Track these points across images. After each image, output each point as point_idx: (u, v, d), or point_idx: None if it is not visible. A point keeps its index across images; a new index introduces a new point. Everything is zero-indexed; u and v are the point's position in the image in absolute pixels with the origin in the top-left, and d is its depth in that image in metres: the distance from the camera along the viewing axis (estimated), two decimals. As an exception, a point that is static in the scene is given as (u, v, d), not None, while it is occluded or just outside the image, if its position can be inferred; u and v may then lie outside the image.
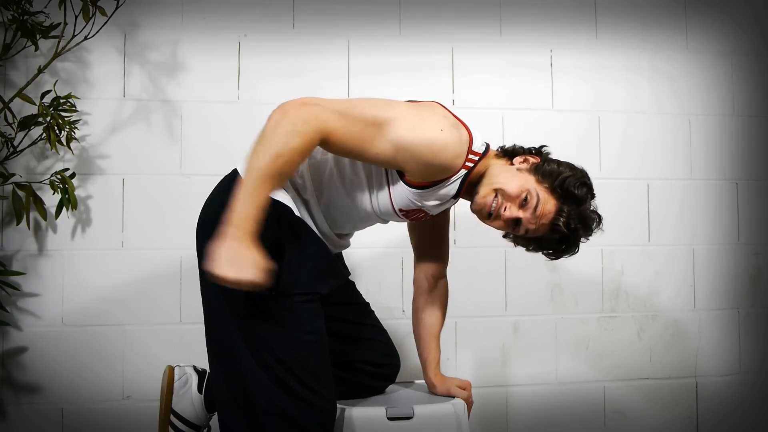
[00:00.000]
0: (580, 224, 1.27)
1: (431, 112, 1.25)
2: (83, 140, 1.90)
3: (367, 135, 1.16)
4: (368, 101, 1.23)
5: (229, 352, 1.24)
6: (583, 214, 1.27)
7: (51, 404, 1.86)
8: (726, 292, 2.21)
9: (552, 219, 1.26)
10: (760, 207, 2.24)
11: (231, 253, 1.04)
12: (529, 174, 1.28)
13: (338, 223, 1.35)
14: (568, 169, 1.29)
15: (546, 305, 2.12)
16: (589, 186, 1.29)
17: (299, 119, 1.09)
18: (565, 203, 1.26)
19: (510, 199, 1.26)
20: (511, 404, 2.08)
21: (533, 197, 1.25)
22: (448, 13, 2.10)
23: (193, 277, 1.89)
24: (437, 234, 1.54)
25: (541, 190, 1.26)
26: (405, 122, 1.19)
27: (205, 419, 1.45)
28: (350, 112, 1.16)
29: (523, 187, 1.26)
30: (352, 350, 1.48)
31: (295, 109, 1.10)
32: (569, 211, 1.26)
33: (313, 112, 1.11)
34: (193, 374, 1.48)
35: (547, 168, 1.28)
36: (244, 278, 1.04)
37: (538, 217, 1.26)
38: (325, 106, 1.14)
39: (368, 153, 1.18)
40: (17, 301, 1.86)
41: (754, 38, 2.27)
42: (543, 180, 1.27)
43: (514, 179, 1.27)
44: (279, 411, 1.19)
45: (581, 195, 1.27)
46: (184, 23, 1.97)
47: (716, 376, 2.19)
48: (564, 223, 1.26)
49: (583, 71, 2.17)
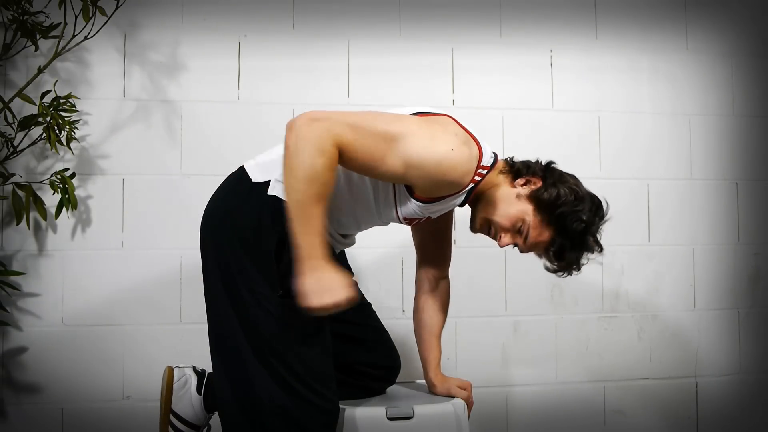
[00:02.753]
0: (571, 259, 1.29)
1: (443, 128, 1.23)
2: (83, 140, 1.90)
3: (378, 150, 1.15)
4: (377, 115, 1.21)
5: (232, 352, 1.24)
6: (575, 250, 1.28)
7: (51, 404, 1.86)
8: (726, 292, 2.21)
9: (545, 248, 1.30)
10: (760, 207, 2.24)
11: (318, 283, 1.09)
12: (528, 202, 1.28)
13: (342, 225, 1.36)
14: (571, 197, 1.27)
15: (546, 305, 2.12)
16: (587, 221, 1.26)
17: (314, 137, 1.08)
18: (559, 237, 1.27)
19: (504, 229, 1.30)
20: (511, 404, 2.08)
21: (526, 227, 1.28)
22: (448, 14, 2.10)
23: (193, 277, 1.89)
24: (440, 234, 1.54)
25: (536, 221, 1.28)
26: (416, 139, 1.18)
27: (204, 419, 1.46)
28: (361, 126, 1.15)
29: (518, 218, 1.28)
30: (353, 352, 1.48)
31: (306, 128, 1.09)
32: (561, 245, 1.27)
33: (324, 127, 1.10)
34: (193, 375, 1.48)
35: (546, 197, 1.27)
36: (340, 300, 1.09)
37: (531, 245, 1.30)
38: (334, 119, 1.13)
39: (379, 169, 1.17)
40: (17, 301, 1.86)
41: (753, 39, 2.27)
42: (539, 210, 1.27)
43: (510, 208, 1.28)
44: (282, 411, 1.19)
45: (577, 230, 1.26)
46: (184, 23, 1.97)
47: (716, 376, 2.19)
48: (554, 255, 1.29)
49: (583, 71, 2.17)
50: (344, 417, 1.35)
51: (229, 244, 1.24)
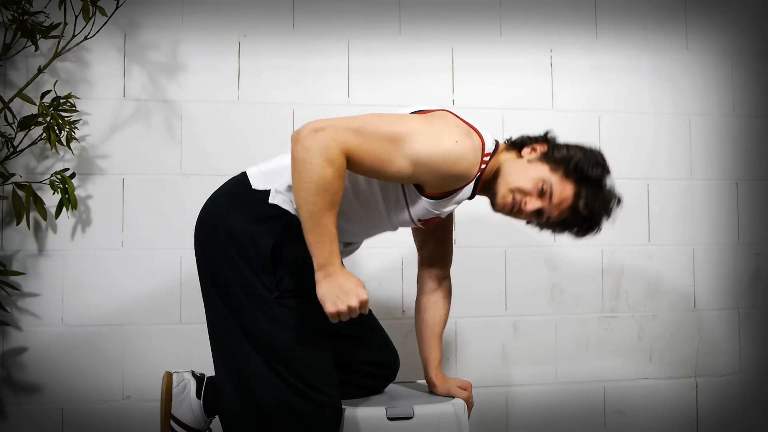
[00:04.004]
0: (600, 204, 1.30)
1: (444, 122, 1.24)
2: (83, 140, 1.90)
3: (385, 153, 1.16)
4: (379, 117, 1.22)
5: (234, 353, 1.24)
6: (602, 193, 1.30)
7: (51, 404, 1.86)
8: (726, 292, 2.21)
9: (571, 203, 1.29)
10: (760, 207, 2.24)
11: (335, 289, 1.13)
12: (541, 163, 1.30)
13: (349, 233, 1.36)
14: (579, 151, 1.30)
15: (546, 305, 2.12)
16: (602, 165, 1.31)
17: (320, 147, 1.10)
18: (582, 186, 1.28)
19: (528, 193, 1.29)
20: (511, 404, 2.08)
21: (549, 186, 1.28)
22: (448, 13, 2.10)
23: (193, 277, 1.89)
24: (441, 234, 1.54)
25: (557, 178, 1.28)
26: (420, 137, 1.19)
27: (204, 423, 1.45)
28: (365, 130, 1.16)
29: (538, 179, 1.28)
30: (351, 350, 1.48)
31: (311, 139, 1.10)
32: (587, 193, 1.28)
33: (329, 135, 1.11)
34: (192, 380, 1.47)
35: (557, 155, 1.29)
36: (356, 304, 1.12)
37: (558, 204, 1.29)
38: (338, 126, 1.14)
39: (388, 171, 1.19)
40: (17, 301, 1.86)
41: (754, 38, 2.27)
42: (556, 167, 1.29)
43: (527, 173, 1.29)
44: (287, 409, 1.20)
45: (596, 175, 1.29)
46: (184, 23, 1.97)
47: (716, 376, 2.19)
48: (584, 205, 1.28)
49: (583, 71, 2.17)
50: (344, 417, 1.34)
51: (226, 246, 1.24)
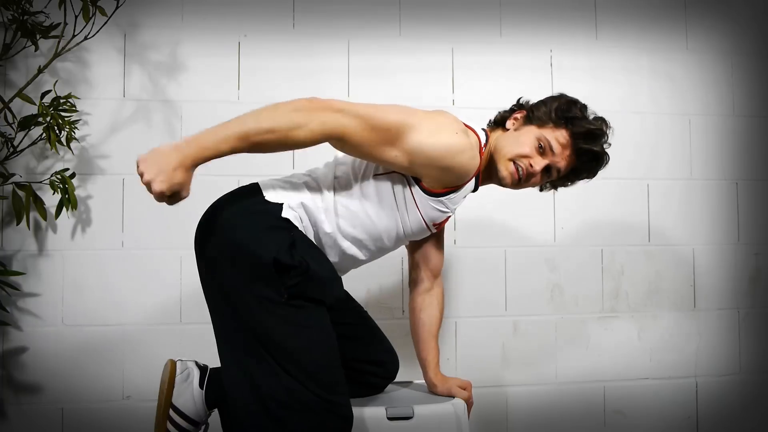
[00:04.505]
0: (597, 133, 1.36)
1: (446, 118, 1.29)
2: (83, 140, 1.90)
3: (385, 139, 1.21)
4: (391, 107, 1.26)
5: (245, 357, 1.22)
6: (593, 124, 1.36)
7: (51, 404, 1.86)
8: (726, 292, 2.21)
9: (572, 144, 1.35)
10: (760, 207, 2.24)
11: (164, 160, 1.05)
12: (527, 126, 1.36)
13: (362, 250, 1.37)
14: (553, 100, 1.38)
15: (546, 305, 2.12)
16: (576, 101, 1.38)
17: (318, 119, 1.14)
18: (573, 126, 1.34)
19: (529, 156, 1.34)
20: (511, 404, 2.08)
21: (546, 141, 1.34)
22: (448, 13, 2.10)
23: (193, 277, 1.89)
24: (434, 234, 1.54)
25: (547, 131, 1.34)
26: (424, 128, 1.23)
27: (204, 415, 1.43)
28: (373, 116, 1.20)
29: (532, 140, 1.34)
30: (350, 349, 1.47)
31: (320, 110, 1.14)
32: (580, 130, 1.34)
33: (333, 117, 1.15)
34: (195, 369, 1.45)
35: (537, 113, 1.36)
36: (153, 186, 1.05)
37: (561, 153, 1.35)
38: (348, 110, 1.17)
39: (384, 155, 1.23)
40: (17, 301, 1.86)
41: (754, 38, 2.27)
42: (543, 123, 1.35)
43: (519, 139, 1.36)
44: (302, 410, 1.18)
45: (579, 112, 1.36)
46: (184, 23, 1.97)
47: (716, 376, 2.19)
48: (584, 142, 1.34)
49: (583, 71, 2.17)
50: (344, 417, 1.34)
51: (234, 252, 1.23)
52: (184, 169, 1.07)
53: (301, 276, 1.21)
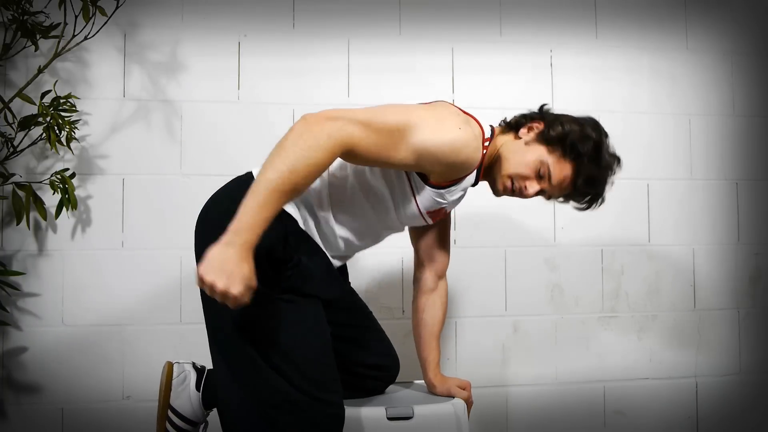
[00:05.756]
0: (600, 178, 1.31)
1: (446, 111, 1.25)
2: (83, 140, 1.90)
3: (391, 142, 1.16)
4: (388, 108, 1.22)
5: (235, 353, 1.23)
6: (600, 168, 1.30)
7: (51, 404, 1.86)
8: (726, 292, 2.21)
9: (571, 181, 1.31)
10: (760, 207, 2.24)
11: (226, 261, 1.00)
12: (538, 144, 1.31)
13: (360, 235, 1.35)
14: (575, 126, 1.30)
15: (546, 305, 2.12)
16: (597, 139, 1.30)
17: (322, 133, 1.07)
18: (580, 163, 1.30)
19: (527, 178, 1.31)
20: (511, 404, 2.08)
21: (547, 168, 1.30)
22: (448, 13, 2.10)
23: (193, 277, 1.89)
24: (439, 233, 1.54)
25: (554, 159, 1.30)
26: (426, 126, 1.19)
27: (202, 416, 1.46)
28: (373, 121, 1.15)
29: (536, 162, 1.30)
30: (351, 353, 1.47)
31: (318, 124, 1.07)
32: (586, 170, 1.29)
33: (336, 126, 1.08)
34: (192, 371, 1.48)
35: (553, 134, 1.30)
36: (231, 292, 1.00)
37: (558, 184, 1.31)
38: (348, 118, 1.11)
39: (393, 159, 1.18)
40: (17, 301, 1.86)
41: (754, 38, 2.27)
42: (553, 148, 1.30)
43: (525, 156, 1.31)
44: (292, 408, 1.19)
45: (592, 151, 1.29)
46: (184, 23, 1.97)
47: (716, 376, 2.19)
48: (583, 183, 1.31)
49: (583, 71, 2.17)
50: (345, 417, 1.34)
51: None
52: (246, 259, 1.03)
53: (293, 270, 1.20)
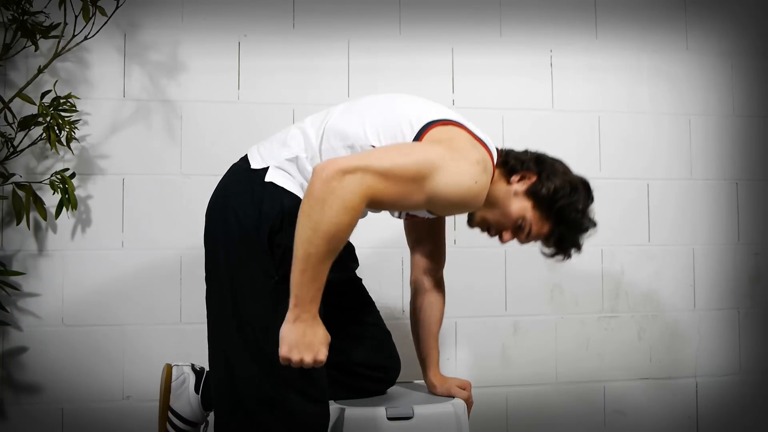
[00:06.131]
0: (571, 243, 1.33)
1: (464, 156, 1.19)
2: (83, 140, 1.90)
3: (406, 191, 1.12)
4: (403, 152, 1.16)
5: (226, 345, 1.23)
6: (575, 236, 1.32)
7: (51, 404, 1.86)
8: (726, 292, 2.21)
9: (546, 237, 1.34)
10: (760, 207, 2.24)
11: (299, 337, 1.08)
12: (526, 198, 1.30)
13: None
14: (565, 188, 1.30)
15: (546, 305, 2.12)
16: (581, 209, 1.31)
17: (346, 192, 1.03)
18: (559, 228, 1.31)
19: (505, 228, 1.33)
20: (511, 404, 2.08)
21: (528, 224, 1.31)
22: (448, 14, 2.10)
23: (193, 276, 1.89)
24: (435, 233, 1.54)
25: (536, 217, 1.31)
26: (442, 177, 1.14)
27: (202, 417, 1.47)
28: (392, 172, 1.09)
29: (518, 216, 1.30)
30: (352, 351, 1.47)
31: (338, 181, 1.03)
32: (561, 234, 1.32)
33: (356, 181, 1.04)
34: (191, 374, 1.49)
35: (543, 192, 1.29)
36: (318, 359, 1.09)
37: (533, 237, 1.34)
38: (366, 169, 1.06)
39: (405, 205, 1.16)
40: (17, 301, 1.86)
41: (754, 38, 2.27)
42: (539, 206, 1.30)
43: (509, 207, 1.30)
44: (276, 403, 1.19)
45: (575, 221, 1.30)
46: (184, 23, 1.97)
47: (716, 376, 2.19)
48: (555, 243, 1.33)
49: (583, 71, 2.17)
50: (344, 417, 1.35)
51: (227, 233, 1.24)
52: (319, 324, 1.10)
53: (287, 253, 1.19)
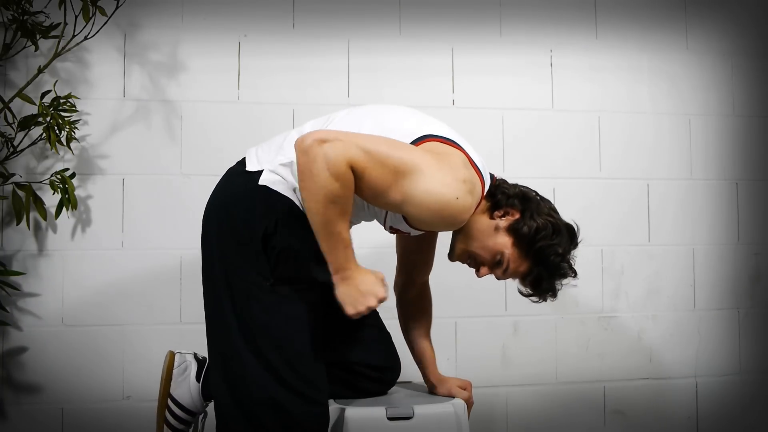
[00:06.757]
0: (548, 287, 1.32)
1: (453, 172, 1.18)
2: (83, 140, 1.90)
3: (385, 181, 1.13)
4: (390, 144, 1.17)
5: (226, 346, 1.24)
6: (553, 279, 1.31)
7: (51, 404, 1.86)
8: (726, 292, 2.21)
9: (523, 276, 1.32)
10: (760, 207, 2.24)
11: (354, 292, 1.15)
12: (507, 235, 1.28)
13: None
14: (548, 229, 1.27)
15: (546, 305, 2.10)
16: (561, 254, 1.28)
17: (325, 160, 1.06)
18: (537, 268, 1.29)
19: (483, 261, 1.31)
20: (511, 404, 2.08)
21: (506, 260, 1.29)
22: (448, 13, 2.10)
23: (193, 276, 1.89)
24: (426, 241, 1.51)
25: (515, 255, 1.28)
26: (423, 181, 1.14)
27: (201, 406, 1.47)
28: (374, 153, 1.11)
29: (497, 252, 1.28)
30: (352, 351, 1.47)
31: (316, 149, 1.06)
32: (539, 275, 1.30)
33: (336, 148, 1.07)
34: (193, 362, 1.50)
35: (524, 231, 1.26)
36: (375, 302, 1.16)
37: (510, 275, 1.32)
38: (345, 140, 1.09)
39: (380, 199, 1.17)
40: (17, 301, 1.86)
41: (754, 38, 2.27)
42: (519, 244, 1.27)
43: (489, 241, 1.28)
44: (274, 403, 1.19)
45: (554, 264, 1.28)
46: (184, 23, 1.97)
47: (716, 376, 2.19)
48: (530, 284, 1.32)
49: (583, 71, 2.17)
50: (344, 417, 1.34)
51: (219, 232, 1.25)
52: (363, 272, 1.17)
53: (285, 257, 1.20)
